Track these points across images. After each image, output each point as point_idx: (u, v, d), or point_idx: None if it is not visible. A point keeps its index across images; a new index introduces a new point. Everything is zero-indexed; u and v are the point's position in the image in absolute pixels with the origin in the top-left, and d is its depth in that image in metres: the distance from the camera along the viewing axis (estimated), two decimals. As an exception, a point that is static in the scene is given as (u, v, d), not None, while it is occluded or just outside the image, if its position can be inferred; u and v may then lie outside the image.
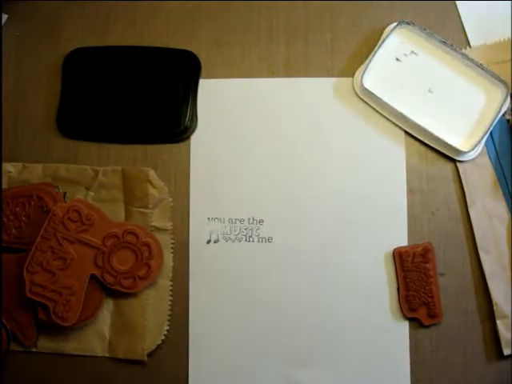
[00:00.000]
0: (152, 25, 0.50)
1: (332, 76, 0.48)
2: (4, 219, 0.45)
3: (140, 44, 0.50)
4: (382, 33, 0.48)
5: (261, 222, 0.46)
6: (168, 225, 0.46)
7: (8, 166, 0.47)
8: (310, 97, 0.48)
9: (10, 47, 0.50)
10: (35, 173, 0.47)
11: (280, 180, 0.47)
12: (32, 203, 0.45)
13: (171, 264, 0.46)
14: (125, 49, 0.50)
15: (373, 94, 0.46)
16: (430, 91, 0.47)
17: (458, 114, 0.47)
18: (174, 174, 0.47)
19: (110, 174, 0.47)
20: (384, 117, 0.47)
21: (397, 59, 0.47)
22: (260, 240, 0.46)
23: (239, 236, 0.46)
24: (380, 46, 0.47)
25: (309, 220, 0.46)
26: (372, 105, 0.47)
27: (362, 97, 0.47)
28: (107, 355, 0.45)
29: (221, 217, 0.47)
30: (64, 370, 0.46)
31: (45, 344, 0.45)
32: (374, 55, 0.47)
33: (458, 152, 0.45)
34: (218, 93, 0.49)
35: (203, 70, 0.49)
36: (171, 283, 0.46)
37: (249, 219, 0.46)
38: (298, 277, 0.46)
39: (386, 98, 0.46)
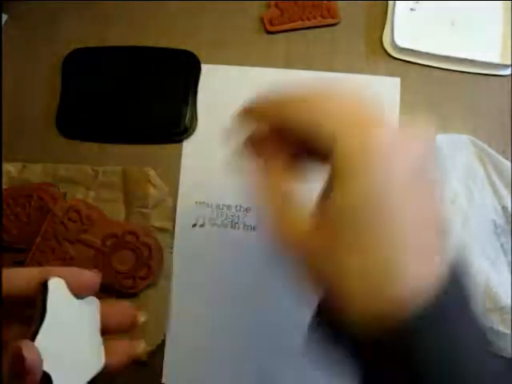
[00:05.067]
0: (152, 25, 0.50)
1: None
2: (4, 219, 0.45)
3: (140, 44, 0.50)
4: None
5: (248, 209, 0.46)
6: (168, 225, 0.46)
7: (8, 166, 0.47)
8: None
9: (9, 47, 0.50)
10: (35, 173, 0.47)
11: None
12: (32, 203, 0.45)
13: (171, 264, 0.46)
14: (125, 49, 0.50)
15: (410, 49, 0.48)
16: (452, 24, 0.49)
17: (486, 34, 0.49)
18: (174, 174, 0.47)
19: (110, 174, 0.47)
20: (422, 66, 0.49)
21: (411, 9, 0.49)
22: (246, 228, 0.46)
23: (225, 222, 0.46)
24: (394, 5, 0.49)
25: None
26: (410, 60, 0.49)
27: (398, 57, 0.49)
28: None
29: (208, 202, 0.47)
30: (64, 370, 0.46)
31: (45, 344, 0.45)
32: (392, 16, 0.49)
33: (503, 66, 0.48)
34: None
35: (203, 70, 0.49)
36: (171, 283, 0.46)
37: (236, 206, 0.46)
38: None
39: (421, 48, 0.48)
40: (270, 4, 0.50)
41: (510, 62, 0.47)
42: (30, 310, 0.25)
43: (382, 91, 0.48)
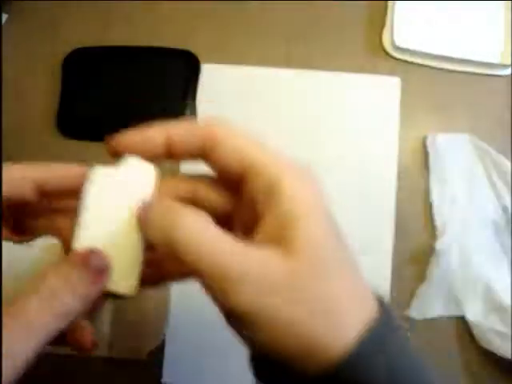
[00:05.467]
0: (152, 25, 0.50)
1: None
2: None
3: (140, 44, 0.50)
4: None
5: None
6: (168, 225, 0.46)
7: (8, 166, 0.47)
8: (315, 92, 0.49)
9: (10, 47, 0.50)
10: (35, 173, 0.47)
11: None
12: (32, 203, 0.45)
13: (171, 264, 0.46)
14: (125, 49, 0.50)
15: (410, 49, 0.48)
16: (452, 24, 0.49)
17: (486, 34, 0.49)
18: (174, 174, 0.47)
19: (110, 173, 0.47)
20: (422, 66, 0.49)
21: (411, 9, 0.49)
22: None
23: None
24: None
25: None
26: (410, 60, 0.48)
27: (398, 57, 0.49)
28: (107, 355, 0.45)
29: None
30: (64, 370, 0.46)
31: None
32: (392, 16, 0.49)
33: (503, 66, 0.48)
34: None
35: (203, 70, 0.49)
36: (171, 283, 0.46)
37: None
38: None
39: (421, 48, 0.48)
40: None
41: (510, 62, 0.47)
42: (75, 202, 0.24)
43: (382, 91, 0.48)
